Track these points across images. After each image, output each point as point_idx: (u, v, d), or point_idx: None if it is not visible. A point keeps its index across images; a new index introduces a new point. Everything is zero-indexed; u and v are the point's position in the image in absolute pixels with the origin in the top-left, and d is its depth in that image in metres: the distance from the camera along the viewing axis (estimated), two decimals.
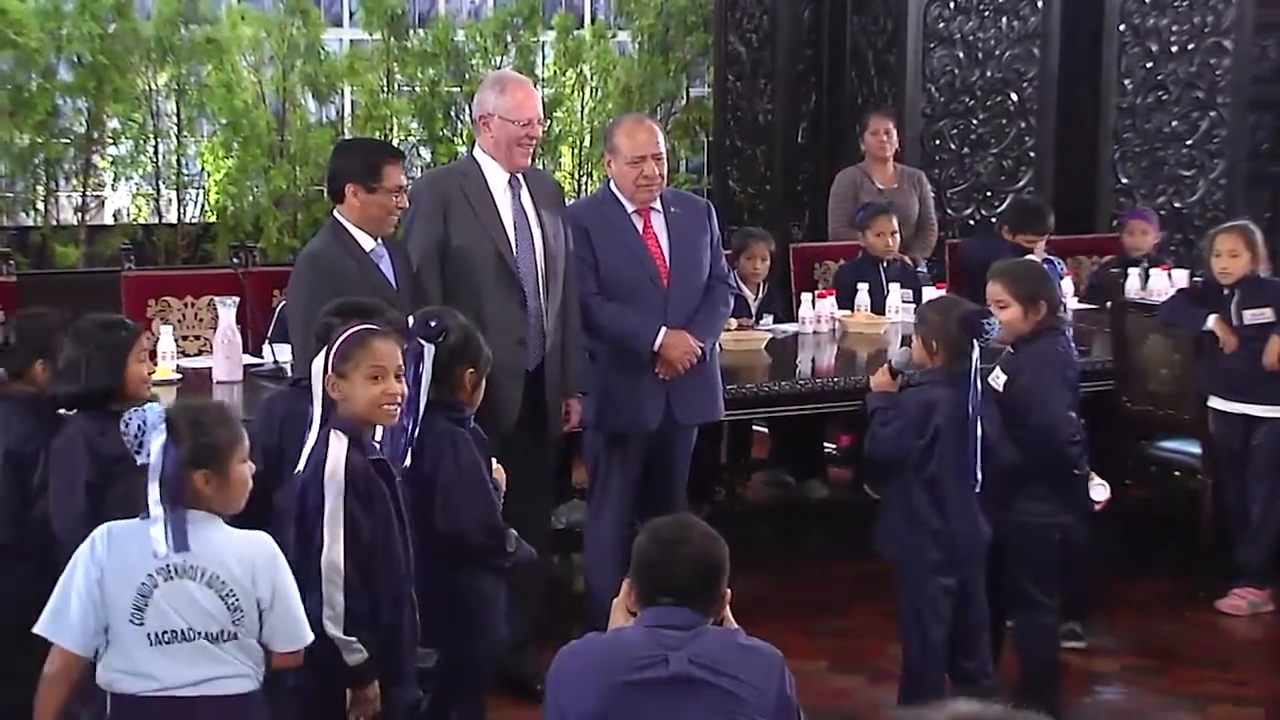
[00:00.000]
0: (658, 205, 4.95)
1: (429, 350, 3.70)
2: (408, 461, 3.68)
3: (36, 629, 3.02)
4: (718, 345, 5.13)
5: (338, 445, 3.35)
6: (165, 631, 2.97)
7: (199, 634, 2.98)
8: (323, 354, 3.45)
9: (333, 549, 3.27)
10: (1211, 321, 5.63)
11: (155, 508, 2.95)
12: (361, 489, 3.32)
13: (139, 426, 3.00)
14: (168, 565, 2.96)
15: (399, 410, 3.48)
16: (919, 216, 7.49)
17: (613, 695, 2.85)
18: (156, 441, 2.98)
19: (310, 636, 3.12)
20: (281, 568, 3.07)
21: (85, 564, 3.00)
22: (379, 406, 3.42)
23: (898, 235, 6.93)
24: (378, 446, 3.49)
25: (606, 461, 4.96)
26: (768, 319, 6.67)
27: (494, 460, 3.90)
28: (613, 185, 4.96)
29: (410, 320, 3.80)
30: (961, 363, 4.20)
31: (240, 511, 3.10)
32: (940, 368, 4.26)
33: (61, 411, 3.89)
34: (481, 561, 3.78)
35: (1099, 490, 4.57)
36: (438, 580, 3.71)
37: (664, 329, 4.85)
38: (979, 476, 4.19)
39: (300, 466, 3.40)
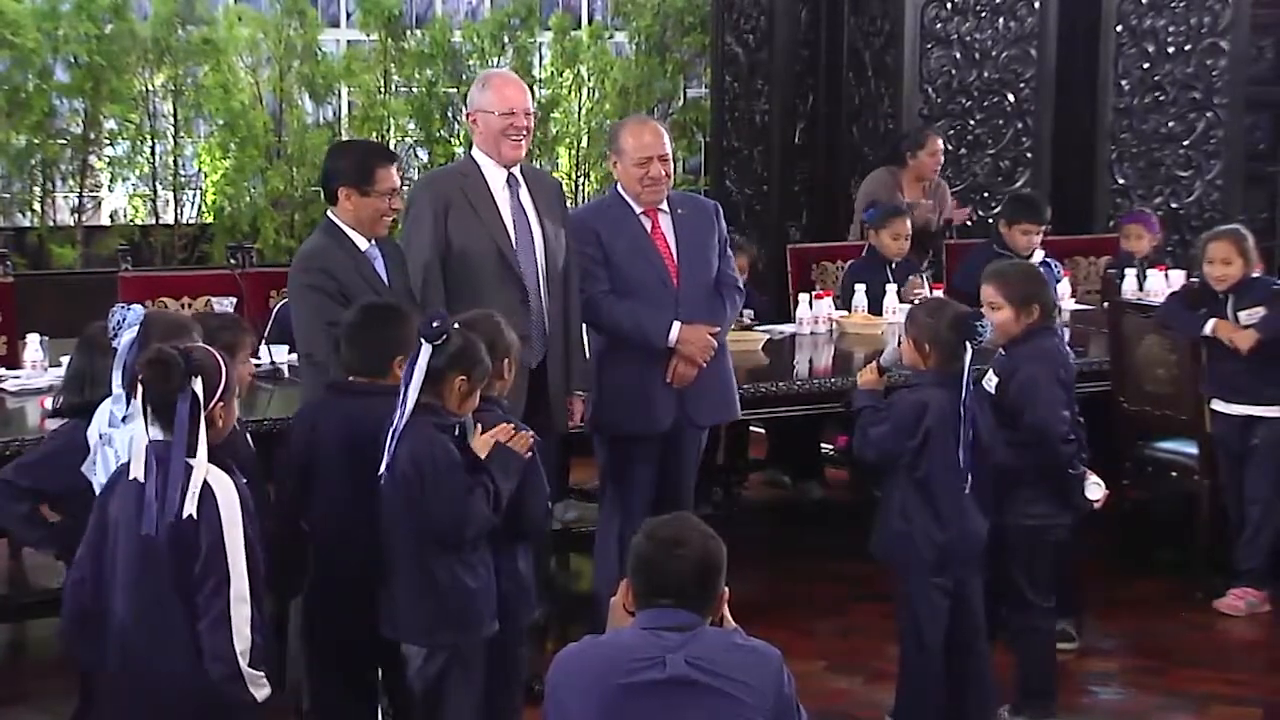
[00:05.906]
0: (665, 206, 4.93)
1: (425, 350, 3.68)
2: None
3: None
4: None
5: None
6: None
7: None
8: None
9: None
10: (1211, 326, 5.61)
11: (117, 387, 3.54)
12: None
13: (119, 320, 3.56)
14: (106, 434, 3.61)
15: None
16: (939, 220, 7.58)
17: (610, 698, 2.84)
18: (126, 336, 3.54)
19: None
20: None
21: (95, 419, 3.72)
22: None
23: (909, 239, 6.92)
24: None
25: (622, 464, 4.91)
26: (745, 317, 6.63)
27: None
28: (619, 188, 4.93)
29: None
30: (953, 364, 4.18)
31: None
32: (932, 369, 4.24)
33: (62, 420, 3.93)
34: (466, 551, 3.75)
35: (1094, 489, 4.56)
36: (422, 575, 3.69)
37: (678, 324, 4.82)
38: (969, 478, 4.19)
39: None
